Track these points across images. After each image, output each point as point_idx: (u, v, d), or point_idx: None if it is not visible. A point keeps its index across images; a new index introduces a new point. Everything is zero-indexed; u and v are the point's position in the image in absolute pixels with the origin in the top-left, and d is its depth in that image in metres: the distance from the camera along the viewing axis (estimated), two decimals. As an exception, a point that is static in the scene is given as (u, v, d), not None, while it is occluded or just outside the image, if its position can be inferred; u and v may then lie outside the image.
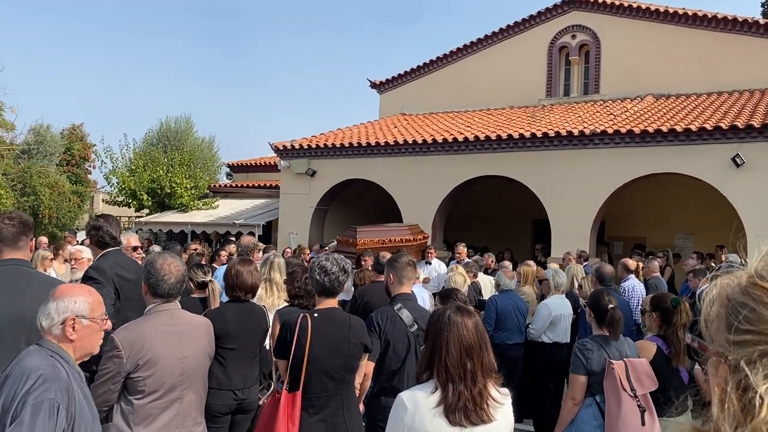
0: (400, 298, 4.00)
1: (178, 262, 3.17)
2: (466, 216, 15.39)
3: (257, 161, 21.70)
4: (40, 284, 2.97)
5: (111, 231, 4.08)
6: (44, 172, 19.75)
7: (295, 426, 3.17)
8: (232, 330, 3.80)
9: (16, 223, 3.12)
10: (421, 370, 2.27)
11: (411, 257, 4.28)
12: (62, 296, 2.34)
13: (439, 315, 2.28)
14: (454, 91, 17.80)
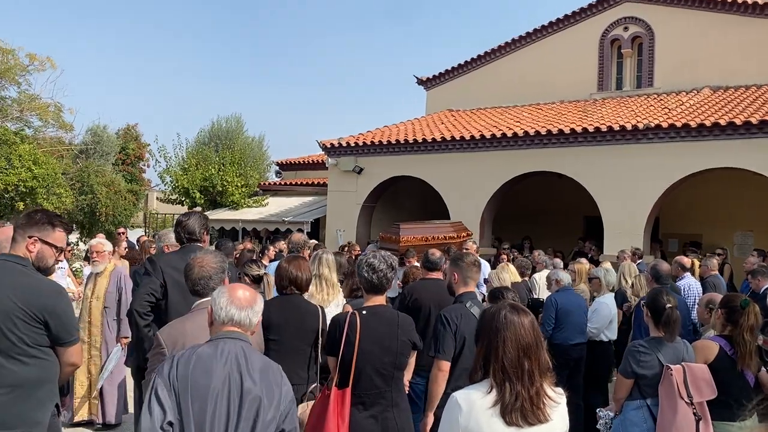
0: (468, 296, 3.99)
1: (211, 258, 3.18)
2: (514, 213, 15.20)
3: (305, 159, 21.92)
4: (17, 278, 2.93)
5: (188, 226, 4.16)
6: (101, 171, 20.41)
7: (344, 423, 3.19)
8: (274, 320, 3.79)
9: (21, 217, 3.10)
10: (476, 370, 2.24)
11: (476, 257, 4.26)
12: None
13: (494, 314, 2.24)
14: (502, 86, 17.57)
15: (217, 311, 2.44)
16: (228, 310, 2.43)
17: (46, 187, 16.61)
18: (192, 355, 2.30)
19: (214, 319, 2.46)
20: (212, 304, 2.47)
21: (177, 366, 2.25)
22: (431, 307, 5.52)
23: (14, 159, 16.28)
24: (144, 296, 3.81)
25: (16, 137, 17.36)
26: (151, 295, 3.81)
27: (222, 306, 2.44)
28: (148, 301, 3.80)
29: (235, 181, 19.50)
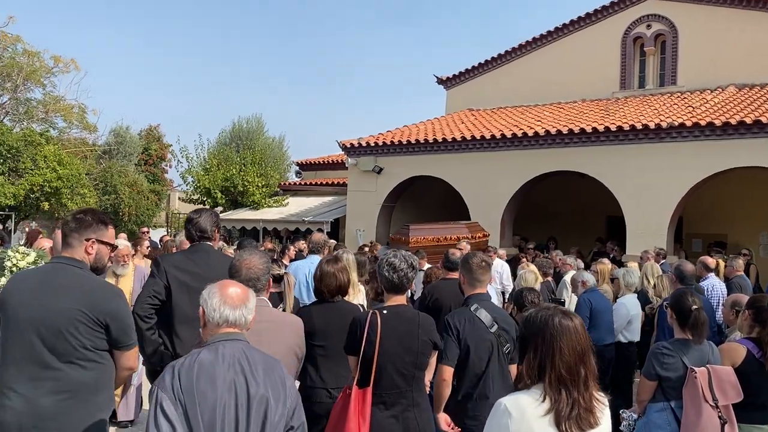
0: (475, 299, 3.86)
1: (258, 259, 3.14)
2: (536, 213, 15.10)
3: (325, 159, 22.00)
4: (73, 280, 2.87)
5: (200, 225, 4.05)
6: (124, 171, 20.70)
7: (366, 422, 3.19)
8: (319, 327, 3.73)
9: (70, 220, 3.00)
10: (528, 377, 2.16)
11: (485, 257, 4.12)
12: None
13: (545, 320, 2.17)
14: (523, 85, 17.47)
15: (210, 313, 2.34)
16: (222, 311, 2.33)
17: (70, 187, 16.87)
18: (193, 363, 2.20)
19: (207, 321, 2.35)
20: (203, 305, 2.35)
21: (179, 377, 2.16)
22: (451, 306, 5.49)
23: (39, 160, 16.57)
24: (146, 299, 3.73)
25: (42, 138, 17.68)
26: (154, 297, 3.73)
27: (215, 307, 2.33)
28: (150, 304, 3.72)
29: (255, 181, 19.63)
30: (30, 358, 2.70)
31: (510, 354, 3.77)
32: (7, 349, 2.73)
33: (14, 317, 2.73)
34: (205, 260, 3.94)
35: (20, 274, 2.97)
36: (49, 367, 2.70)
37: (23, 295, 2.76)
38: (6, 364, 2.72)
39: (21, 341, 2.71)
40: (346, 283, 3.92)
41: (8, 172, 16.39)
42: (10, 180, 16.19)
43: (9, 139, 16.57)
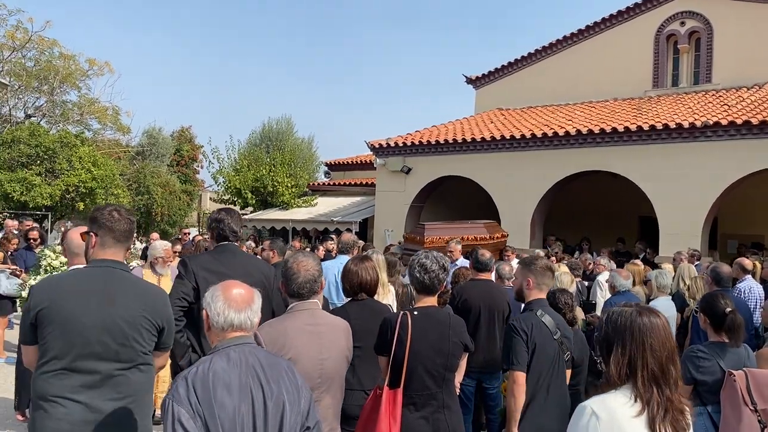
0: (538, 304, 3.77)
1: (311, 261, 3.10)
2: (566, 213, 14.94)
3: (354, 160, 22.07)
4: (133, 288, 2.82)
5: (232, 225, 4.05)
6: (156, 172, 21.03)
7: (396, 423, 3.18)
8: (355, 328, 3.63)
9: (125, 218, 2.88)
10: (619, 378, 2.06)
11: (548, 261, 4.02)
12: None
13: (632, 318, 2.10)
14: (553, 84, 17.29)
15: (215, 317, 2.22)
16: (227, 315, 2.22)
17: (104, 187, 17.20)
18: (207, 372, 2.09)
19: (211, 326, 2.24)
20: (206, 309, 2.24)
21: (194, 388, 2.05)
22: (481, 307, 5.48)
23: (75, 161, 16.92)
24: (175, 301, 3.66)
25: (77, 140, 18.04)
26: (183, 300, 3.71)
27: (219, 311, 2.22)
28: (180, 307, 3.68)
29: (285, 181, 19.79)
30: (91, 366, 2.61)
31: (568, 362, 3.73)
32: (61, 357, 2.59)
33: (72, 325, 2.59)
34: (232, 261, 3.93)
35: (67, 279, 2.75)
36: (111, 375, 2.65)
37: (80, 302, 2.63)
38: (59, 373, 2.60)
39: (80, 349, 2.59)
40: (369, 281, 3.89)
41: (45, 173, 16.77)
42: (46, 181, 16.57)
43: (46, 140, 16.96)
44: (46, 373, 2.60)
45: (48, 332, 2.59)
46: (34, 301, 2.63)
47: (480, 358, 5.25)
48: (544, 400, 3.58)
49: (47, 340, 2.60)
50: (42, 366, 2.61)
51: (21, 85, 22.16)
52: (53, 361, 2.59)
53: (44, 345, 2.61)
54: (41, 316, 2.60)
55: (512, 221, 13.15)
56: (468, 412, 5.33)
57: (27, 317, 2.65)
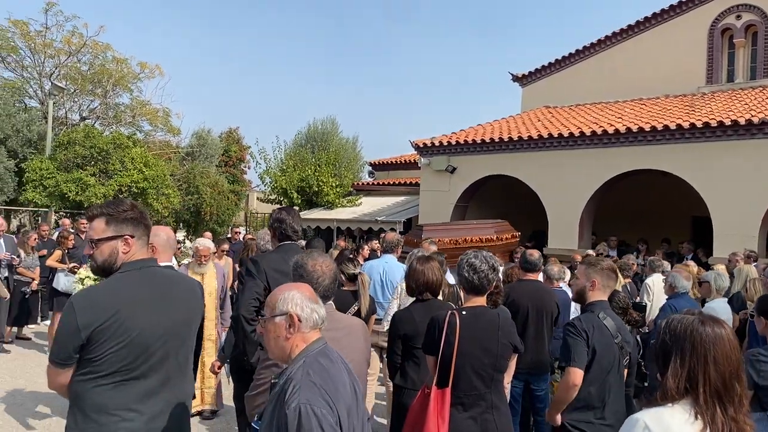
0: (600, 306, 3.69)
1: (329, 260, 3.00)
2: (615, 213, 14.62)
3: (398, 159, 22.08)
4: (181, 286, 2.69)
5: (293, 224, 4.07)
6: (206, 172, 21.43)
7: (444, 422, 3.17)
8: (422, 329, 3.65)
9: (146, 216, 2.68)
10: (678, 392, 1.89)
11: (612, 263, 3.93)
12: None
13: (693, 327, 1.93)
14: (602, 81, 16.96)
15: (309, 315, 2.12)
16: (319, 311, 2.16)
17: (156, 188, 17.63)
18: (325, 374, 2.01)
19: (301, 326, 2.11)
20: (295, 310, 2.10)
21: (326, 390, 1.96)
22: (529, 308, 5.42)
23: (127, 161, 17.40)
24: (250, 301, 3.72)
25: (129, 141, 18.55)
26: (257, 300, 3.72)
27: (312, 307, 2.14)
28: (255, 307, 3.71)
29: (330, 181, 19.94)
30: (152, 374, 2.47)
31: (627, 365, 3.66)
32: (121, 371, 2.39)
33: (136, 337, 2.39)
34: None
35: (117, 288, 2.46)
36: (169, 381, 2.53)
37: (140, 310, 2.43)
38: (119, 384, 2.40)
39: (144, 359, 2.43)
40: (434, 281, 3.88)
41: (99, 173, 17.29)
42: (100, 181, 17.08)
43: (99, 142, 17.48)
44: (103, 386, 2.38)
45: (108, 348, 2.35)
46: (84, 320, 2.32)
47: (528, 359, 5.19)
48: (603, 403, 3.51)
49: (106, 357, 2.35)
50: (96, 379, 2.37)
51: (76, 88, 22.91)
52: (112, 375, 2.38)
53: (98, 361, 2.36)
54: (97, 333, 2.33)
55: (560, 221, 12.94)
56: (515, 414, 5.28)
57: (74, 337, 2.32)
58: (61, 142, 17.72)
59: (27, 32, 21.79)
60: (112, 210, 2.55)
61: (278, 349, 2.14)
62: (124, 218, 2.54)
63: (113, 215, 2.54)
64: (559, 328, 5.82)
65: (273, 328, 2.13)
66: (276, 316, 2.12)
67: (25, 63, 22.44)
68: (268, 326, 2.14)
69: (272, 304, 2.16)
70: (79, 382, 2.39)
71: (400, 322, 3.92)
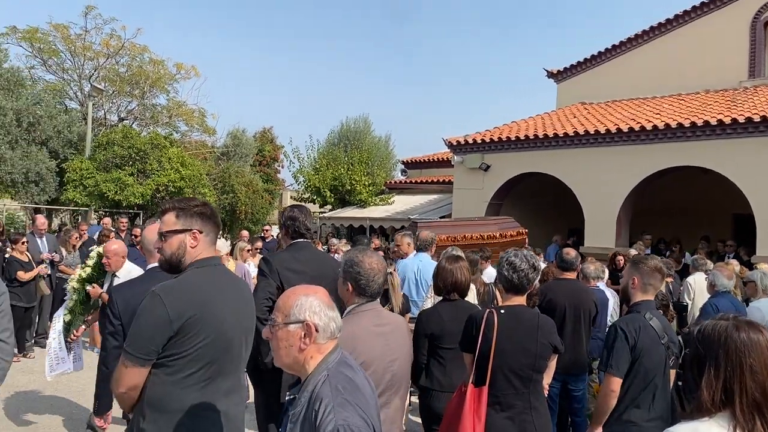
0: (645, 306, 3.62)
1: (380, 257, 2.96)
2: (654, 211, 14.33)
3: (430, 157, 22.01)
4: (243, 285, 2.71)
5: (306, 222, 4.03)
6: (240, 171, 21.68)
7: (480, 421, 3.14)
8: (449, 329, 3.66)
9: (216, 214, 2.67)
10: (713, 404, 1.75)
11: (659, 262, 3.80)
12: None
13: (727, 333, 1.79)
14: (639, 76, 16.63)
15: (327, 324, 1.93)
16: (336, 319, 1.97)
17: (192, 187, 17.88)
18: (353, 387, 1.90)
19: (316, 337, 1.91)
20: (313, 318, 1.91)
21: (360, 406, 1.84)
22: (566, 307, 5.34)
23: (164, 161, 17.69)
24: (262, 301, 3.66)
25: (166, 141, 18.86)
26: (269, 300, 3.68)
27: (331, 316, 1.95)
28: (267, 307, 3.65)
29: (362, 180, 19.99)
30: (231, 372, 2.47)
31: (673, 366, 3.59)
32: (208, 367, 2.36)
33: (221, 331, 2.38)
34: (309, 259, 3.94)
35: (199, 283, 2.43)
36: (238, 378, 2.55)
37: (225, 303, 2.44)
38: (205, 383, 2.37)
39: (225, 355, 2.41)
40: (462, 282, 3.84)
41: (137, 173, 17.62)
42: (138, 181, 17.40)
43: (137, 142, 17.81)
44: (191, 387, 2.33)
45: (197, 342, 2.31)
46: (176, 310, 2.28)
47: (565, 359, 5.11)
48: (648, 405, 3.44)
49: (195, 351, 2.31)
50: (183, 379, 2.32)
51: (115, 90, 23.38)
52: (200, 372, 2.34)
53: (187, 356, 2.30)
54: (188, 325, 2.29)
55: (597, 219, 12.74)
56: (553, 414, 5.20)
57: (163, 329, 2.27)
58: (101, 142, 18.10)
59: (67, 35, 22.33)
60: (183, 204, 2.58)
61: (289, 358, 1.93)
62: (194, 213, 2.56)
63: (183, 209, 2.56)
64: (597, 328, 5.74)
65: (285, 336, 1.91)
66: (290, 324, 1.91)
67: (66, 66, 23.00)
68: (279, 333, 1.92)
69: (286, 309, 1.93)
70: (163, 384, 2.30)
71: (426, 321, 3.90)
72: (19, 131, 16.66)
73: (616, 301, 6.59)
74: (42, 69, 22.80)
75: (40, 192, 17.03)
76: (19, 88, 17.60)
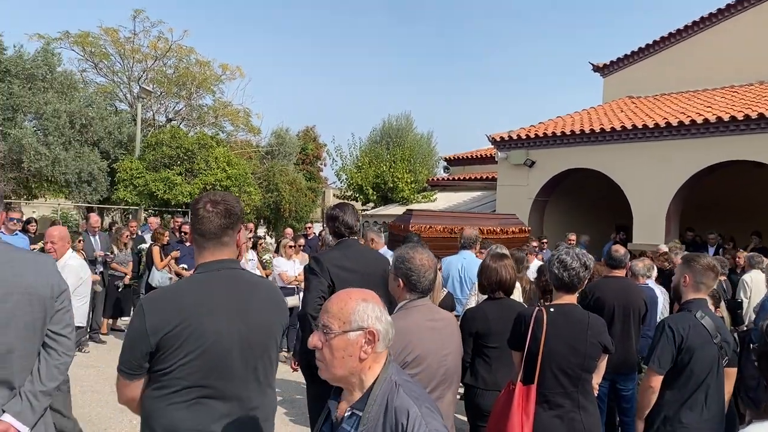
0: (697, 305, 3.54)
1: (430, 253, 2.95)
2: (703, 207, 13.93)
3: (473, 154, 21.86)
4: (263, 292, 2.41)
5: (347, 221, 4.03)
6: (284, 170, 21.96)
7: (529, 419, 3.12)
8: (494, 328, 3.65)
9: (221, 212, 2.31)
10: None
11: (713, 260, 3.70)
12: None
13: None
14: (689, 69, 16.16)
15: (386, 330, 1.79)
16: (392, 324, 1.83)
17: (238, 185, 18.20)
18: (425, 395, 1.84)
19: (375, 346, 1.77)
20: (371, 323, 1.76)
21: (439, 413, 1.78)
22: (615, 306, 5.24)
23: (211, 161, 18.06)
24: (315, 300, 3.68)
25: (213, 141, 19.24)
26: (322, 298, 3.68)
27: (390, 320, 1.81)
28: (320, 305, 3.58)
29: (405, 177, 19.98)
30: (232, 391, 2.21)
31: (726, 365, 3.50)
32: (196, 385, 2.16)
33: (210, 345, 2.15)
34: (356, 256, 3.96)
35: (190, 290, 2.25)
36: (250, 399, 2.27)
37: (217, 313, 2.20)
38: (195, 402, 2.16)
39: (220, 373, 2.18)
40: (507, 280, 3.81)
41: (184, 172, 18.02)
42: (186, 180, 17.80)
43: (185, 142, 18.22)
44: (177, 404, 2.15)
45: (180, 358, 2.12)
46: (154, 324, 2.10)
47: (614, 358, 4.99)
48: (701, 406, 3.37)
49: (177, 367, 2.12)
50: (170, 396, 2.15)
51: (162, 91, 23.95)
52: (187, 390, 2.14)
53: (170, 373, 2.13)
54: (167, 340, 2.10)
55: (645, 215, 12.46)
56: (601, 413, 5.12)
57: (141, 343, 2.11)
58: (150, 143, 18.58)
59: (117, 39, 22.98)
60: (191, 209, 2.43)
61: (344, 369, 1.76)
62: (192, 217, 2.39)
63: (191, 213, 2.43)
64: (647, 327, 5.61)
65: (343, 346, 1.75)
66: (350, 332, 1.75)
67: (116, 68, 23.70)
68: (336, 342, 1.75)
69: (344, 315, 1.77)
70: (151, 399, 2.18)
71: (472, 320, 3.88)
72: (72, 133, 17.22)
73: (666, 299, 6.44)
74: (93, 72, 23.56)
75: (92, 191, 17.58)
76: (72, 91, 18.21)
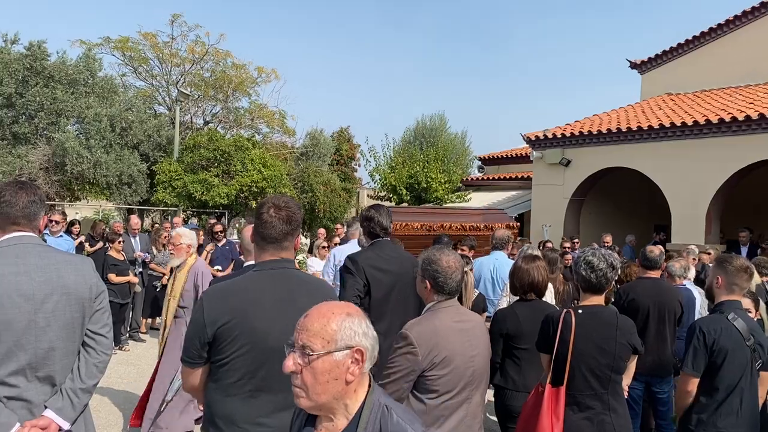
0: (730, 306, 3.49)
1: (457, 255, 2.97)
2: (746, 207, 13.58)
3: (508, 153, 21.71)
4: (314, 290, 2.49)
5: (381, 221, 4.06)
6: (319, 171, 22.10)
7: (558, 421, 3.11)
8: (526, 330, 3.64)
9: (284, 217, 2.43)
10: None
11: (746, 261, 3.62)
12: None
13: None
14: (730, 65, 15.77)
15: (372, 347, 1.56)
16: (377, 339, 1.60)
17: (274, 187, 18.40)
18: (413, 415, 1.74)
19: (362, 367, 1.54)
20: (358, 341, 1.53)
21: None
22: (650, 307, 5.16)
23: (248, 162, 18.30)
24: (352, 298, 3.71)
25: (249, 143, 19.50)
26: (357, 297, 3.75)
27: (371, 337, 1.57)
28: (357, 304, 3.72)
29: (438, 177, 19.94)
30: (280, 388, 2.24)
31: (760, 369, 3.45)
32: (250, 378, 2.27)
33: (262, 340, 2.25)
34: (390, 257, 4.00)
35: (246, 286, 2.36)
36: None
37: (269, 311, 2.30)
38: (249, 396, 2.28)
39: (271, 366, 2.25)
40: (539, 282, 3.81)
41: (222, 174, 18.30)
42: (223, 181, 18.08)
43: (222, 144, 18.50)
44: (233, 396, 2.28)
45: (233, 350, 2.24)
46: (211, 316, 2.23)
47: (648, 360, 4.96)
48: (736, 410, 3.32)
49: (231, 359, 2.25)
50: (227, 388, 2.28)
51: (200, 94, 24.36)
52: (241, 382, 2.27)
53: (226, 365, 2.25)
54: (223, 332, 2.23)
55: (684, 215, 12.21)
56: (635, 416, 5.05)
57: (200, 334, 2.25)
58: (188, 145, 18.92)
59: (155, 43, 23.46)
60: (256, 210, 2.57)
61: (327, 395, 1.52)
62: (255, 220, 2.52)
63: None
64: (684, 328, 5.51)
65: (328, 368, 1.50)
66: (336, 351, 1.51)
67: (155, 72, 24.18)
68: (319, 365, 1.50)
69: (328, 333, 1.51)
70: (212, 390, 2.32)
71: (503, 321, 3.88)
72: (113, 136, 17.65)
73: (704, 300, 6.31)
74: (133, 76, 24.09)
75: (132, 193, 17.99)
76: (112, 96, 18.66)
